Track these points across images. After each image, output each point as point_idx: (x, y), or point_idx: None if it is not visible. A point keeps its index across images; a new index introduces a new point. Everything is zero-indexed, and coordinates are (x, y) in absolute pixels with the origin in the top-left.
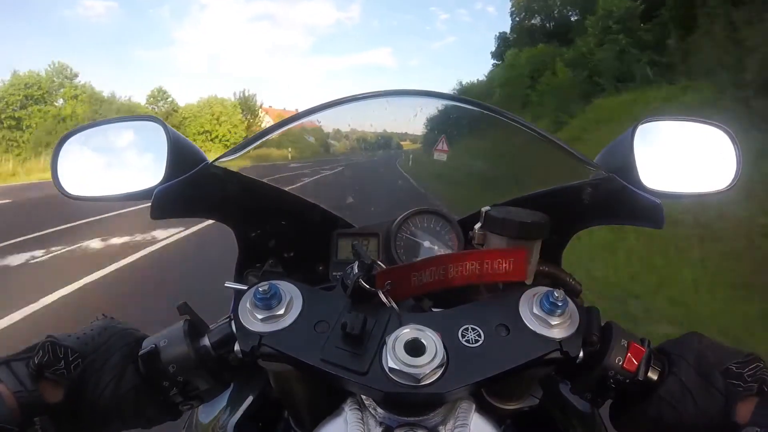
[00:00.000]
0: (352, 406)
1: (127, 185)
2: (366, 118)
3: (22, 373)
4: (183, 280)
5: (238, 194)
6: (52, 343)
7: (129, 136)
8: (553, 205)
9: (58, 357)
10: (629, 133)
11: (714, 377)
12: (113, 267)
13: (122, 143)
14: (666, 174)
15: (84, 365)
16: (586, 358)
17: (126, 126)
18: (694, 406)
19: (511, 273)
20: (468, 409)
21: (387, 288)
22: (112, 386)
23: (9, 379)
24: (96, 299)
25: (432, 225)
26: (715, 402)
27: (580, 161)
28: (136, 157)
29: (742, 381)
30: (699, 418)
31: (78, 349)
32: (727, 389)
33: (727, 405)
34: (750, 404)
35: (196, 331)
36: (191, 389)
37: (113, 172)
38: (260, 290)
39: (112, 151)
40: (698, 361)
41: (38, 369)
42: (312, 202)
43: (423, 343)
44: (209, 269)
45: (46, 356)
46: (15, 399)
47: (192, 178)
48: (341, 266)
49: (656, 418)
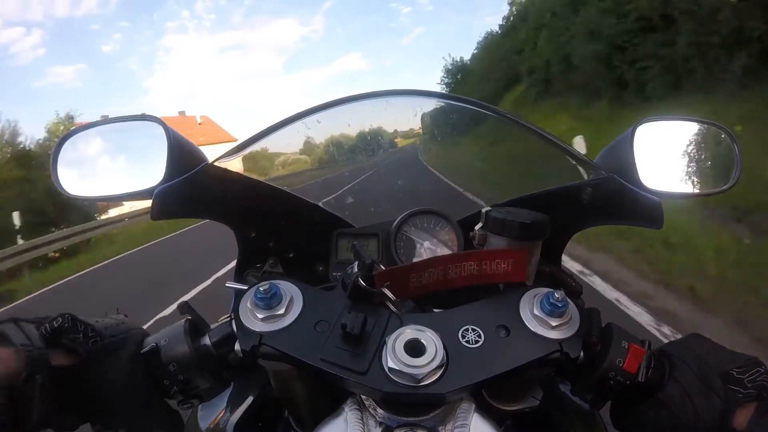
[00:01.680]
0: (352, 406)
1: (127, 185)
2: (365, 118)
3: (32, 333)
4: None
5: (238, 194)
6: (72, 316)
7: (129, 135)
8: (553, 205)
9: (77, 328)
10: (629, 133)
11: (714, 382)
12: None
13: (122, 143)
14: (666, 174)
15: (99, 346)
16: (587, 360)
17: (126, 126)
18: (693, 411)
19: (511, 274)
20: (468, 409)
21: (387, 288)
22: (118, 381)
23: (16, 335)
24: None
25: (432, 225)
26: (714, 407)
27: (580, 161)
28: (137, 156)
29: (742, 387)
30: (697, 423)
31: (97, 330)
32: (726, 395)
33: (726, 411)
34: (748, 411)
35: (196, 331)
36: (191, 388)
37: (113, 171)
38: (260, 290)
39: (113, 150)
40: (699, 365)
41: (54, 332)
42: (312, 202)
43: (423, 344)
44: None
45: (66, 324)
46: (23, 352)
47: (192, 178)
48: (341, 266)
49: (655, 421)
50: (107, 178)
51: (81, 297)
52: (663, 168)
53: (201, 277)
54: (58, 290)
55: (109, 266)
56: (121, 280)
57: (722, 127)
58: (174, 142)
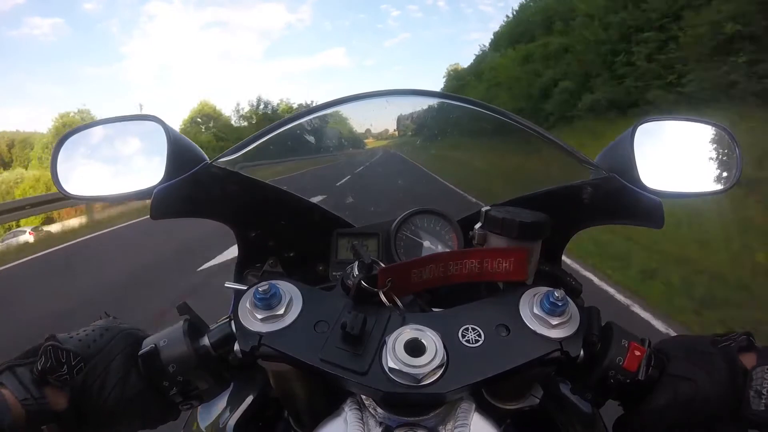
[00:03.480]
0: (352, 406)
1: (127, 185)
2: (365, 118)
3: (27, 380)
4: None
5: (238, 194)
6: (54, 347)
7: (129, 135)
8: (553, 205)
9: (60, 362)
10: (629, 132)
11: (707, 348)
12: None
13: (122, 142)
14: (666, 174)
15: (87, 369)
16: (587, 358)
17: (126, 125)
18: (704, 373)
19: (512, 273)
20: (468, 409)
21: (387, 287)
22: (117, 390)
23: (14, 386)
24: None
25: (432, 225)
26: (718, 363)
27: (580, 161)
28: (136, 156)
29: (731, 340)
30: (713, 381)
31: (80, 353)
32: (723, 350)
33: (730, 359)
34: (750, 354)
35: (195, 331)
36: (191, 389)
37: (113, 171)
38: (260, 290)
39: (112, 150)
40: (689, 347)
41: (41, 375)
42: (312, 202)
43: (423, 343)
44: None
45: (48, 362)
46: (22, 407)
47: (192, 177)
48: (341, 266)
49: (673, 397)
50: (107, 177)
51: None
52: (663, 168)
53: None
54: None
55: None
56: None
57: (722, 126)
58: (173, 141)
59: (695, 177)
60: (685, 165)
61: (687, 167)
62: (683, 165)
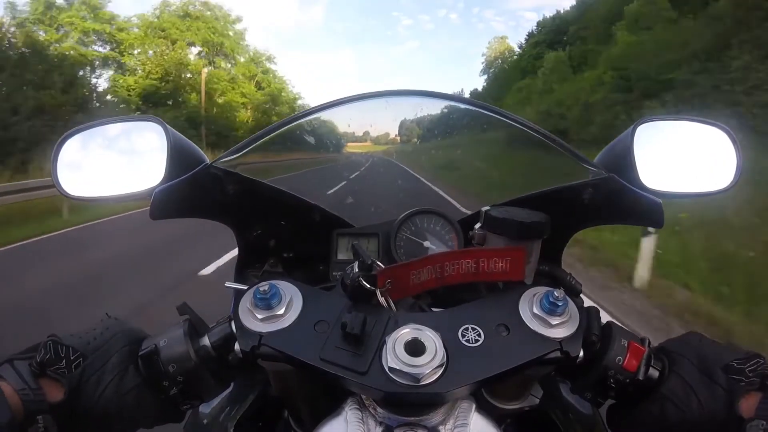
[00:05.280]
0: (352, 406)
1: (127, 185)
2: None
3: (25, 372)
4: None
5: (238, 194)
6: (53, 341)
7: (129, 136)
8: (553, 205)
9: (59, 356)
10: (629, 132)
11: (716, 374)
12: None
13: (122, 143)
14: (666, 174)
15: (84, 365)
16: (586, 358)
17: (126, 126)
18: (697, 403)
19: (509, 273)
20: (468, 408)
21: (387, 287)
22: (113, 386)
23: (12, 377)
24: None
25: (432, 225)
26: (718, 398)
27: (579, 161)
28: (136, 157)
29: (744, 376)
30: (703, 415)
31: (79, 348)
32: (729, 385)
33: (731, 400)
34: (754, 399)
35: (196, 331)
36: (191, 389)
37: (113, 172)
38: (260, 290)
39: (112, 150)
40: (700, 360)
41: (40, 367)
42: (312, 202)
43: (423, 343)
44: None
45: (48, 355)
46: (18, 397)
47: (192, 178)
48: (341, 266)
49: (659, 416)
50: (107, 178)
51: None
52: (663, 168)
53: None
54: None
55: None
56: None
57: (722, 127)
58: (174, 142)
59: (695, 177)
60: (685, 165)
61: (687, 167)
62: (683, 165)
